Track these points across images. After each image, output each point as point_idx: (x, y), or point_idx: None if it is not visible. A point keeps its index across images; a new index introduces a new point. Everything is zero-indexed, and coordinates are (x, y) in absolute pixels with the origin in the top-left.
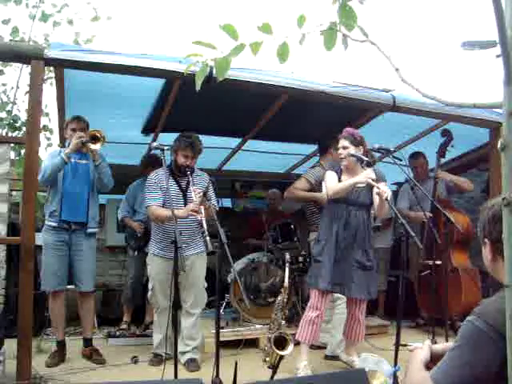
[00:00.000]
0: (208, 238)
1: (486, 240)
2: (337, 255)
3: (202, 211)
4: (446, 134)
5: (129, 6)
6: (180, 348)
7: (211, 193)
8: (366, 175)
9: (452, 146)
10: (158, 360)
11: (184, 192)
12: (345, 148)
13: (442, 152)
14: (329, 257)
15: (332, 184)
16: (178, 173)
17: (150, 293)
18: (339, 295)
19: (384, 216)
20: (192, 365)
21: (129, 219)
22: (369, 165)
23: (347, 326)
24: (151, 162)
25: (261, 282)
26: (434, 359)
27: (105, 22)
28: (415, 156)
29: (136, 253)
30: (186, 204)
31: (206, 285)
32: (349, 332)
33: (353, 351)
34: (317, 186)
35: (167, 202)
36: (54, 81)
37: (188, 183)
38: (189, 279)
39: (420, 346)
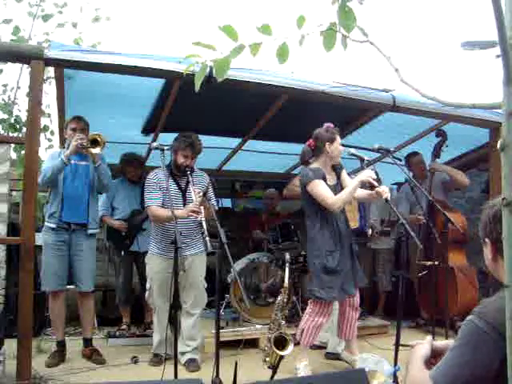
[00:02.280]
0: (208, 238)
1: (486, 240)
2: (352, 259)
3: (202, 211)
4: (441, 134)
5: (128, 6)
6: (180, 348)
7: (211, 193)
8: (367, 174)
9: (447, 146)
10: (157, 360)
11: (183, 192)
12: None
13: (437, 152)
14: (344, 263)
15: (330, 194)
16: (178, 173)
17: (147, 293)
18: None
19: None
20: (192, 365)
21: (108, 218)
22: (368, 164)
23: (344, 324)
24: (127, 160)
25: (261, 282)
26: (435, 355)
27: (105, 24)
28: (412, 155)
29: (123, 253)
30: (185, 204)
31: (206, 285)
32: (348, 330)
33: (355, 349)
34: None
35: (167, 202)
36: (53, 80)
37: (187, 183)
38: (188, 279)
39: (421, 342)
